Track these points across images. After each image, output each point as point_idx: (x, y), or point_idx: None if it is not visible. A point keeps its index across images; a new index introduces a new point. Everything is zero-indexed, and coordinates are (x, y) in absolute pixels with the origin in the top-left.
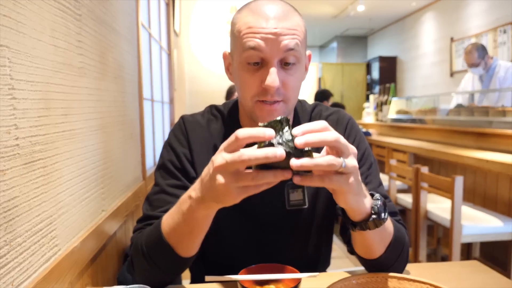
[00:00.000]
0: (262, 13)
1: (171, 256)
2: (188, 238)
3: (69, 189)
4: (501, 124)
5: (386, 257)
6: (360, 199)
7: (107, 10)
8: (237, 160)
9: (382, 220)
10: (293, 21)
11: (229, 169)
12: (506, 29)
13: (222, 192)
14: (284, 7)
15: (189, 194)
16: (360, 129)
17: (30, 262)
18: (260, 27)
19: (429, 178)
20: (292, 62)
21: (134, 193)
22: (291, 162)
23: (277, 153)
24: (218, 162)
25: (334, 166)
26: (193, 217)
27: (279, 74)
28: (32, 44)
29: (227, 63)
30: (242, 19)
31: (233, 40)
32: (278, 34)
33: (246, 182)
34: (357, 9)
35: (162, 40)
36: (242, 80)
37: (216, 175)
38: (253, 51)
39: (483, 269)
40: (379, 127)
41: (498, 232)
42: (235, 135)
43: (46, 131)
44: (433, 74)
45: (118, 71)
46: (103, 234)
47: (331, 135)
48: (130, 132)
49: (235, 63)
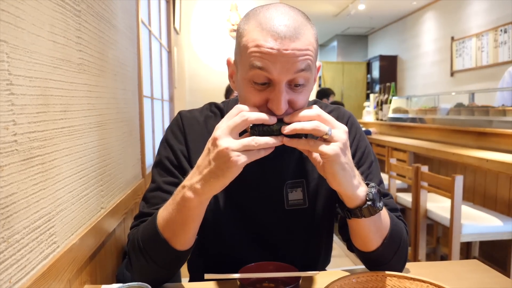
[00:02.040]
0: (272, 31)
1: (166, 250)
2: (183, 229)
3: (68, 186)
4: (501, 123)
5: (383, 250)
6: (352, 181)
7: (107, 7)
8: (238, 119)
9: (377, 208)
10: (305, 39)
11: (232, 133)
12: (507, 29)
13: (225, 159)
14: (295, 22)
15: (183, 184)
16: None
17: (28, 259)
18: (269, 47)
19: (429, 177)
20: (302, 83)
21: (133, 190)
22: (282, 127)
23: (271, 117)
24: (221, 128)
25: (319, 131)
26: (186, 207)
27: (287, 94)
28: (31, 39)
29: (230, 71)
30: (250, 34)
31: (238, 52)
32: (289, 56)
33: (248, 143)
34: (357, 7)
35: (162, 38)
36: (247, 96)
37: (219, 139)
38: (260, 71)
39: (483, 268)
40: (379, 126)
41: (497, 232)
42: (244, 117)
43: (44, 127)
44: (434, 73)
45: (118, 68)
46: (102, 231)
47: (313, 111)
48: (129, 129)
49: (239, 77)
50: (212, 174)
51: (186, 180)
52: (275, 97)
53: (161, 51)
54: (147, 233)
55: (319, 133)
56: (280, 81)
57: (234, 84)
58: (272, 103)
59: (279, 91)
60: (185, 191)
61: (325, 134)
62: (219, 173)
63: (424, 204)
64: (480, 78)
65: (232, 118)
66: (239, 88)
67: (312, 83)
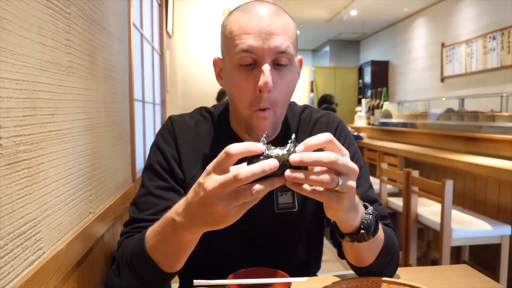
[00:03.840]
0: (254, 11)
1: (155, 271)
2: (173, 257)
3: (55, 191)
4: (490, 129)
5: (377, 264)
6: (350, 215)
7: (97, 9)
8: (233, 182)
9: (371, 234)
10: (284, 20)
11: (226, 191)
12: (496, 36)
13: (221, 215)
14: (275, 7)
15: (174, 218)
16: (351, 132)
17: (12, 266)
18: (252, 25)
19: (420, 181)
20: (285, 63)
21: (123, 195)
22: (285, 173)
23: (271, 164)
24: (211, 186)
25: (328, 184)
26: (178, 241)
27: (272, 75)
28: (18, 41)
29: (218, 69)
30: (234, 19)
31: (224, 42)
32: (271, 32)
33: (245, 198)
34: (350, 13)
35: (155, 41)
36: (236, 84)
37: (212, 200)
38: (246, 53)
39: (472, 273)
40: (371, 130)
41: (487, 236)
42: (227, 152)
43: (31, 131)
44: (424, 79)
45: (108, 71)
46: (90, 236)
47: (327, 157)
48: (119, 133)
49: (227, 66)
50: (207, 222)
51: (176, 215)
52: (262, 73)
53: (153, 54)
54: (136, 252)
55: (328, 186)
56: (264, 58)
57: (222, 82)
58: (260, 81)
59: (265, 67)
60: (177, 227)
61: (336, 186)
62: (214, 224)
63: (415, 209)
64: (470, 84)
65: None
66: (227, 81)
67: (294, 70)
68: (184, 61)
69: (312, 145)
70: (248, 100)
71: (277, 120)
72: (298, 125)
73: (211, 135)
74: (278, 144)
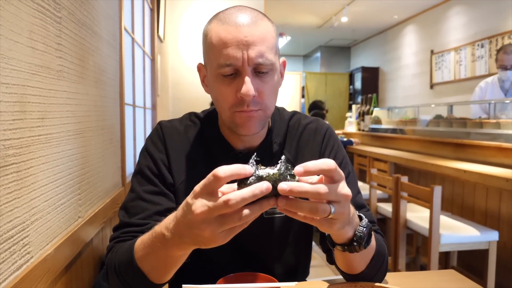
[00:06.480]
0: (232, 22)
1: (143, 281)
2: (162, 270)
3: (44, 195)
4: (478, 135)
5: (367, 272)
6: (343, 230)
7: (88, 13)
8: (222, 207)
9: (363, 247)
10: (262, 27)
11: (213, 216)
12: (484, 43)
13: (208, 238)
14: (252, 14)
15: (164, 234)
16: (342, 138)
17: (0, 270)
18: (230, 37)
19: (409, 187)
20: (265, 71)
21: (112, 199)
22: (278, 201)
23: (263, 188)
24: (199, 210)
25: (320, 215)
26: (167, 255)
27: (253, 83)
28: (8, 45)
29: (202, 76)
30: (213, 30)
31: (205, 51)
32: (249, 43)
33: (233, 224)
34: (341, 20)
35: (146, 46)
36: (218, 92)
37: (199, 224)
38: (226, 63)
39: (459, 278)
40: (361, 136)
41: (474, 241)
42: (215, 175)
43: (20, 134)
44: (414, 85)
45: (99, 75)
46: (78, 241)
47: (317, 192)
48: (110, 137)
49: (210, 76)
50: (196, 243)
51: (166, 230)
52: (243, 82)
53: (144, 58)
54: (124, 262)
55: (319, 215)
56: (244, 67)
57: (207, 88)
58: (242, 90)
59: (245, 76)
60: (167, 243)
61: (328, 215)
62: (201, 245)
63: (404, 214)
64: (458, 91)
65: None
66: (211, 89)
67: (277, 74)
68: (176, 65)
69: (310, 171)
70: (229, 103)
71: (267, 119)
72: (286, 131)
73: (200, 140)
74: (264, 150)
